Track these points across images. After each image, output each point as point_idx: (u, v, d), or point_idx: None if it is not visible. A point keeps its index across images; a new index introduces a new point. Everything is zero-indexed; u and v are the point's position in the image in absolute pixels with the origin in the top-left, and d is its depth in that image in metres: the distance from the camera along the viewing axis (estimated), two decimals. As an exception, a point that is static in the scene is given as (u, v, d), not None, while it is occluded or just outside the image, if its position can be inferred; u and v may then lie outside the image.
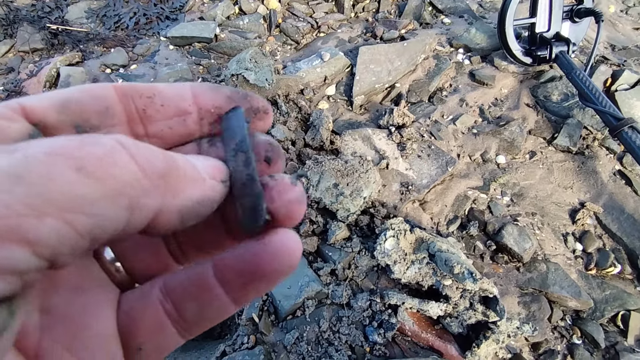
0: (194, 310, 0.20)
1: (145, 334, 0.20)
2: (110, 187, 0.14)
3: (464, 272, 0.85)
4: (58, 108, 0.18)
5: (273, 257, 0.19)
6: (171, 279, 0.21)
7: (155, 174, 0.16)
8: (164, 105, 0.21)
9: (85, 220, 0.14)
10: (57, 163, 0.13)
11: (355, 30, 1.69)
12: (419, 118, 1.31)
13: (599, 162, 1.21)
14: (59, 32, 1.71)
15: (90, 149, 0.14)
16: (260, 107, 0.23)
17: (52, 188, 0.13)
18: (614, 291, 0.99)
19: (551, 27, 1.35)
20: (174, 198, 0.17)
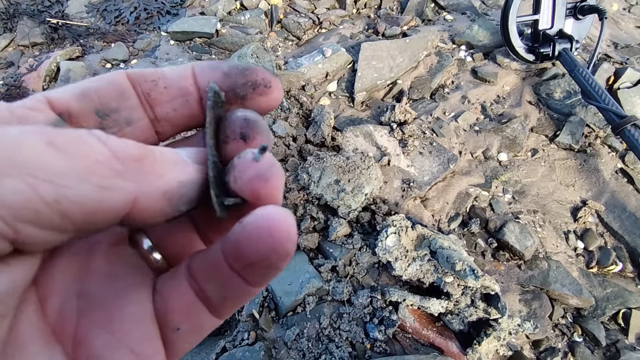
0: (215, 291, 0.20)
1: (180, 315, 0.21)
2: (79, 163, 0.15)
3: (465, 269, 0.85)
4: (78, 97, 0.20)
5: (253, 241, 0.17)
6: (194, 260, 0.21)
7: (129, 158, 0.16)
8: (167, 87, 0.21)
9: (50, 188, 0.14)
10: (29, 137, 0.14)
11: (357, 27, 1.68)
12: (420, 115, 1.30)
13: (601, 160, 1.20)
14: (59, 26, 1.70)
15: (64, 131, 0.15)
16: (260, 80, 0.22)
17: (18, 154, 0.13)
18: (615, 289, 0.99)
19: (554, 24, 1.35)
20: (154, 180, 0.17)
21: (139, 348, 0.20)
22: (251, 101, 0.22)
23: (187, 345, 0.22)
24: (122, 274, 0.21)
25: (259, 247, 0.17)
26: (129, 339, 0.19)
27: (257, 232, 0.17)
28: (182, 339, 0.21)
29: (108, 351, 0.19)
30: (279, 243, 0.17)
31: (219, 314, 0.21)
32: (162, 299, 0.21)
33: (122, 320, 0.20)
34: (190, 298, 0.20)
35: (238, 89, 0.22)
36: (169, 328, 0.21)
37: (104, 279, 0.20)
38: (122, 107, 0.21)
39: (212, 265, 0.20)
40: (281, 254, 0.17)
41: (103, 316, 0.19)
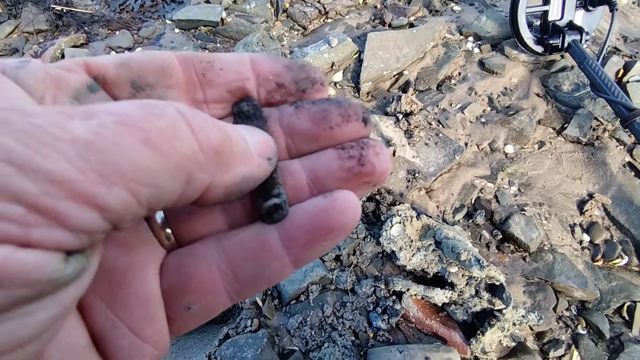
0: (251, 271, 0.20)
1: (196, 293, 0.20)
2: (171, 160, 0.15)
3: (470, 259, 0.84)
4: (117, 64, 0.20)
5: (341, 212, 0.19)
6: (228, 239, 0.21)
7: (211, 149, 0.16)
8: (224, 69, 0.21)
9: (146, 192, 0.14)
10: (125, 134, 0.14)
11: (364, 17, 1.66)
12: (426, 106, 1.29)
13: (608, 153, 1.19)
14: (63, 13, 1.69)
15: (154, 120, 0.15)
16: (318, 78, 0.23)
17: (120, 159, 0.14)
18: (620, 282, 0.98)
19: (564, 16, 1.33)
20: (224, 174, 0.17)
21: (139, 328, 0.19)
22: (309, 96, 0.23)
23: (193, 324, 0.21)
24: (134, 246, 0.20)
25: (343, 219, 0.19)
26: (129, 318, 0.19)
27: (346, 205, 0.19)
28: (190, 318, 0.21)
29: (108, 328, 0.19)
30: (357, 217, 0.19)
31: (238, 295, 0.21)
32: (179, 276, 0.20)
33: (126, 298, 0.19)
34: (212, 276, 0.20)
35: (300, 83, 0.23)
36: (179, 306, 0.20)
37: (115, 250, 0.20)
38: (160, 84, 0.21)
39: (258, 242, 0.20)
40: (352, 228, 0.19)
41: (107, 291, 0.19)
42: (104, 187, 0.13)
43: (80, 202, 0.13)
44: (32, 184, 0.12)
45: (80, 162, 0.13)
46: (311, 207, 0.20)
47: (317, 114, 0.22)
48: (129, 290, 0.19)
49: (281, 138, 0.22)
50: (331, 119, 0.21)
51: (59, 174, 0.13)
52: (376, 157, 0.21)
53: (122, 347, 0.19)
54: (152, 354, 0.20)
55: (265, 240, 0.20)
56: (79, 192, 0.13)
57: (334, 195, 0.19)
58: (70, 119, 0.14)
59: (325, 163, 0.21)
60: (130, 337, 0.19)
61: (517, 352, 0.87)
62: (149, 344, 0.19)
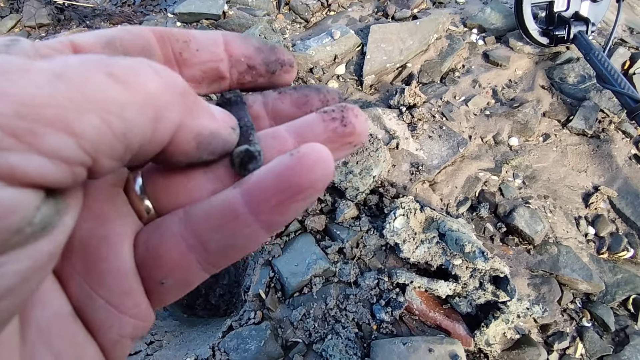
0: (220, 242, 0.19)
1: (166, 268, 0.19)
2: (137, 95, 0.15)
3: (475, 251, 0.84)
4: (103, 44, 0.20)
5: (310, 168, 0.17)
6: (194, 209, 0.20)
7: (176, 91, 0.17)
8: (199, 50, 0.22)
9: (119, 123, 0.14)
10: (90, 68, 0.14)
11: (367, 9, 1.65)
12: (430, 98, 1.28)
13: (614, 145, 1.18)
14: (65, 7, 1.69)
15: (117, 60, 0.15)
16: (287, 60, 0.24)
17: (89, 88, 0.14)
18: (625, 275, 0.97)
19: (570, 6, 1.31)
20: (192, 119, 0.17)
21: (116, 301, 0.19)
22: (278, 77, 0.24)
23: (172, 297, 0.21)
24: (110, 218, 0.20)
25: (312, 176, 0.17)
26: (105, 291, 0.19)
27: (315, 160, 0.17)
28: (167, 291, 0.20)
29: (85, 301, 0.19)
30: (328, 173, 0.18)
31: (213, 267, 0.20)
32: (147, 251, 0.20)
33: (101, 272, 0.19)
34: (180, 251, 0.19)
35: (270, 65, 0.23)
36: (152, 280, 0.20)
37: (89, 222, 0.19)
38: None
39: (223, 211, 0.19)
40: (323, 186, 0.18)
41: (82, 264, 0.19)
42: (76, 113, 0.13)
43: (55, 127, 0.13)
44: (3, 106, 0.12)
45: (49, 88, 0.13)
46: (277, 165, 0.18)
47: (300, 99, 0.23)
48: (104, 263, 0.19)
49: (265, 120, 0.23)
50: (312, 103, 0.23)
51: (28, 98, 0.12)
52: (356, 118, 0.22)
53: (100, 320, 0.19)
54: (135, 325, 0.19)
55: (230, 208, 0.19)
56: (52, 116, 0.13)
57: (301, 150, 0.18)
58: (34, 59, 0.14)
59: (310, 126, 0.22)
60: (108, 309, 0.19)
61: (521, 344, 0.87)
62: (129, 316, 0.19)
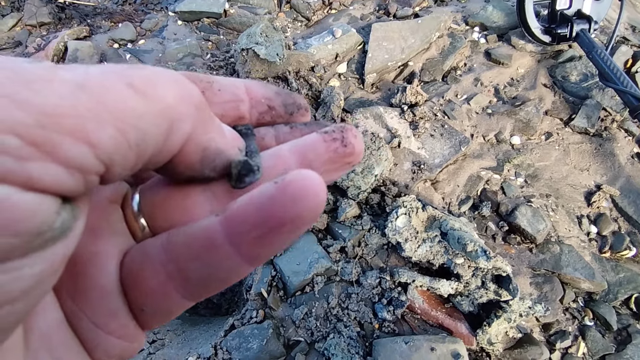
0: (199, 272, 0.18)
1: (145, 296, 0.19)
2: (155, 105, 0.15)
3: (477, 250, 0.84)
4: None
5: (295, 198, 0.16)
6: (176, 235, 0.19)
7: (192, 102, 0.17)
8: (221, 90, 0.22)
9: (133, 133, 0.14)
10: (111, 78, 0.14)
11: (368, 7, 1.65)
12: (432, 97, 1.28)
13: (617, 144, 1.17)
14: (66, 5, 1.69)
15: (137, 69, 0.15)
16: (302, 104, 0.25)
17: (109, 98, 0.14)
18: (628, 274, 0.97)
19: (572, 4, 1.30)
20: (202, 132, 0.17)
21: (101, 322, 0.18)
22: (294, 119, 0.25)
23: (153, 324, 0.20)
24: (104, 234, 0.19)
25: (296, 208, 0.16)
26: (91, 311, 0.18)
27: (301, 191, 0.16)
28: (149, 318, 0.20)
29: (72, 318, 0.18)
30: (318, 202, 0.16)
31: (193, 296, 0.19)
32: (128, 275, 0.19)
33: (86, 290, 0.18)
34: (159, 279, 0.18)
35: (288, 107, 0.25)
36: (134, 305, 0.19)
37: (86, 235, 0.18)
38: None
39: (202, 240, 0.17)
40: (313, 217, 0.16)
41: (70, 281, 0.18)
42: (95, 123, 0.13)
43: (74, 137, 0.13)
44: (25, 116, 0.12)
45: (70, 98, 0.13)
46: (259, 195, 0.16)
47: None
48: (89, 282, 0.18)
49: None
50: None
51: (50, 108, 0.13)
52: (355, 139, 0.22)
53: (87, 339, 0.18)
54: (122, 346, 0.19)
55: (209, 237, 0.17)
56: (72, 126, 0.13)
57: (287, 179, 0.16)
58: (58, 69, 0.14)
59: (312, 146, 0.22)
60: (94, 330, 0.18)
61: (523, 343, 0.87)
62: (115, 337, 0.19)
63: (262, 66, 1.27)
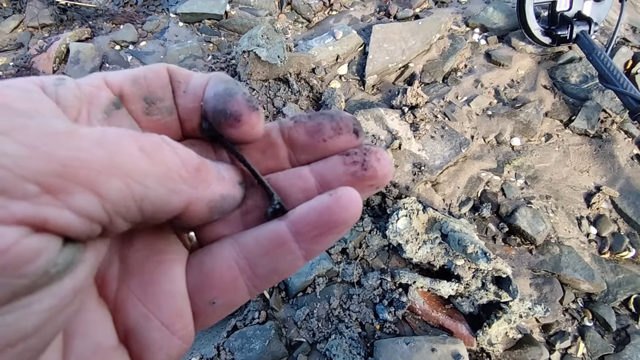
0: (267, 266, 0.22)
1: (219, 289, 0.22)
2: (160, 167, 0.17)
3: (477, 252, 0.84)
4: (130, 82, 0.22)
5: (344, 208, 0.20)
6: (244, 237, 0.23)
7: (192, 167, 0.19)
8: (186, 92, 0.23)
9: (139, 189, 0.16)
10: (125, 141, 0.17)
11: (369, 9, 1.65)
12: (432, 99, 1.28)
13: (616, 145, 1.18)
14: (67, 7, 1.69)
15: (146, 137, 0.18)
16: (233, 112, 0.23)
17: (121, 156, 0.16)
18: (627, 275, 0.98)
19: (573, 6, 1.31)
20: (204, 190, 0.20)
21: (169, 322, 0.21)
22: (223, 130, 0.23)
23: (217, 318, 0.23)
24: (160, 249, 0.22)
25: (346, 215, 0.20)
26: (160, 313, 0.21)
27: (349, 202, 0.21)
28: (215, 311, 0.22)
29: (142, 323, 0.20)
30: (358, 213, 0.21)
31: (256, 289, 0.23)
32: (201, 274, 0.22)
33: (156, 294, 0.21)
34: (233, 273, 0.22)
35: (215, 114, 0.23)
36: (203, 301, 0.22)
37: (144, 251, 0.22)
38: (166, 97, 0.23)
39: (272, 239, 0.22)
40: (354, 223, 0.21)
41: (139, 287, 0.21)
42: (106, 176, 0.15)
43: (87, 187, 0.15)
44: (46, 166, 0.14)
45: (88, 153, 0.15)
46: (318, 204, 0.21)
47: (312, 127, 0.23)
48: (159, 287, 0.21)
49: (283, 149, 0.24)
50: (324, 132, 0.23)
51: (69, 160, 0.14)
52: (377, 162, 0.23)
53: (154, 340, 0.20)
54: (179, 347, 0.21)
55: (279, 236, 0.21)
56: (86, 178, 0.15)
57: (338, 193, 0.21)
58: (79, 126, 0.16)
59: (332, 168, 0.23)
60: (162, 330, 0.21)
61: (523, 344, 0.88)
62: (177, 337, 0.21)
63: (263, 68, 1.27)
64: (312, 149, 0.23)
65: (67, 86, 0.19)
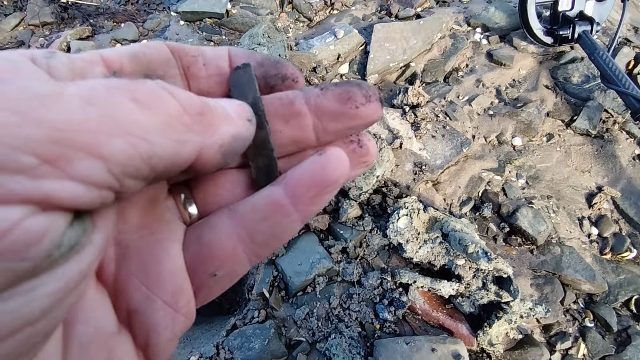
0: (265, 232, 0.22)
1: (220, 260, 0.22)
2: (160, 119, 0.16)
3: (478, 252, 0.84)
4: (130, 58, 0.21)
5: (335, 166, 0.21)
6: (240, 205, 0.22)
7: (194, 111, 0.17)
8: (206, 64, 0.23)
9: (145, 146, 0.15)
10: (116, 94, 0.15)
11: (370, 8, 1.65)
12: (433, 98, 1.28)
13: (618, 146, 1.18)
14: (69, 5, 1.69)
15: (138, 85, 0.16)
16: (289, 74, 0.24)
17: (116, 112, 0.14)
18: (628, 276, 0.97)
19: (575, 6, 1.30)
20: (213, 134, 0.18)
21: (172, 300, 0.21)
22: (278, 90, 0.24)
23: (219, 290, 0.23)
24: (156, 227, 0.21)
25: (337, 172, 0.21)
26: (163, 291, 0.20)
27: (338, 160, 0.21)
28: (217, 283, 0.22)
29: (145, 305, 0.20)
30: (347, 171, 0.21)
31: (256, 257, 0.23)
32: (200, 247, 0.22)
33: (157, 273, 0.20)
34: (233, 243, 0.22)
35: (269, 79, 0.24)
36: (205, 274, 0.22)
37: (139, 231, 0.21)
38: (168, 74, 0.22)
39: (268, 204, 0.21)
40: (344, 182, 0.21)
41: (139, 268, 0.20)
42: (105, 137, 0.14)
43: (87, 152, 0.13)
44: (39, 133, 0.12)
45: (80, 113, 0.13)
46: (310, 164, 0.21)
47: (343, 95, 0.23)
48: (159, 266, 0.21)
49: (308, 117, 0.24)
50: (356, 99, 0.23)
51: (62, 123, 0.13)
52: (369, 142, 0.25)
53: (158, 320, 0.20)
54: (183, 323, 0.21)
55: (276, 201, 0.21)
56: (84, 142, 0.13)
57: (327, 152, 0.21)
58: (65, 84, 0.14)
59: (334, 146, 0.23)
60: (166, 309, 0.20)
61: (524, 344, 0.87)
62: (181, 314, 0.21)
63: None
64: (342, 116, 0.23)
65: (59, 59, 0.17)
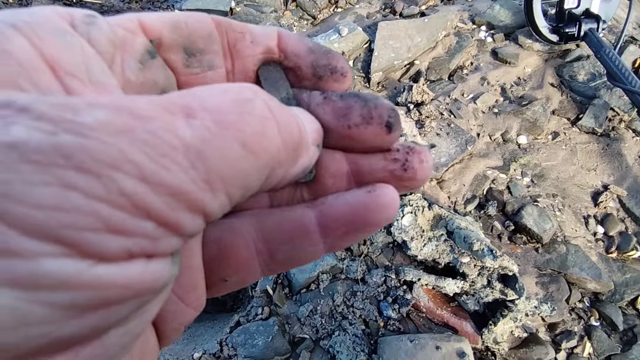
0: (287, 252, 0.21)
1: (233, 268, 0.21)
2: (261, 161, 0.15)
3: (483, 249, 0.84)
4: (171, 27, 0.20)
5: (382, 208, 0.19)
6: (267, 219, 0.21)
7: (292, 147, 0.17)
8: (254, 42, 0.21)
9: (238, 193, 0.15)
10: (227, 138, 0.14)
11: (374, 6, 1.64)
12: (438, 96, 1.28)
13: (624, 144, 1.17)
14: (73, 3, 1.70)
15: (248, 119, 0.15)
16: (340, 67, 0.22)
17: (224, 165, 0.14)
18: (634, 274, 0.97)
19: (581, 3, 1.29)
20: (294, 167, 0.18)
21: (184, 295, 0.20)
22: (325, 84, 0.22)
23: (226, 291, 0.22)
24: None
25: (382, 216, 0.19)
26: (177, 286, 0.20)
27: (388, 203, 0.19)
28: (225, 287, 0.22)
29: None
30: (395, 214, 0.19)
31: (271, 271, 0.22)
32: (218, 250, 0.21)
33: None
34: (250, 254, 0.21)
35: (318, 69, 0.22)
36: (216, 277, 0.21)
37: None
38: (208, 49, 0.21)
39: (295, 227, 0.20)
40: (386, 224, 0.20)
41: None
42: (210, 194, 0.14)
43: (193, 211, 0.14)
44: (159, 200, 0.13)
45: (193, 172, 0.14)
46: (353, 199, 0.19)
47: (340, 109, 0.20)
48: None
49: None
50: (350, 117, 0.20)
51: (178, 187, 0.13)
52: (420, 165, 0.21)
53: (168, 312, 0.20)
54: (192, 315, 0.21)
55: (304, 226, 0.20)
56: (193, 202, 0.14)
57: (378, 190, 0.19)
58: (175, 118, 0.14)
59: (369, 159, 0.21)
60: (178, 303, 0.20)
61: (529, 343, 0.87)
62: (191, 307, 0.21)
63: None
64: (334, 133, 0.20)
65: (101, 28, 0.17)
